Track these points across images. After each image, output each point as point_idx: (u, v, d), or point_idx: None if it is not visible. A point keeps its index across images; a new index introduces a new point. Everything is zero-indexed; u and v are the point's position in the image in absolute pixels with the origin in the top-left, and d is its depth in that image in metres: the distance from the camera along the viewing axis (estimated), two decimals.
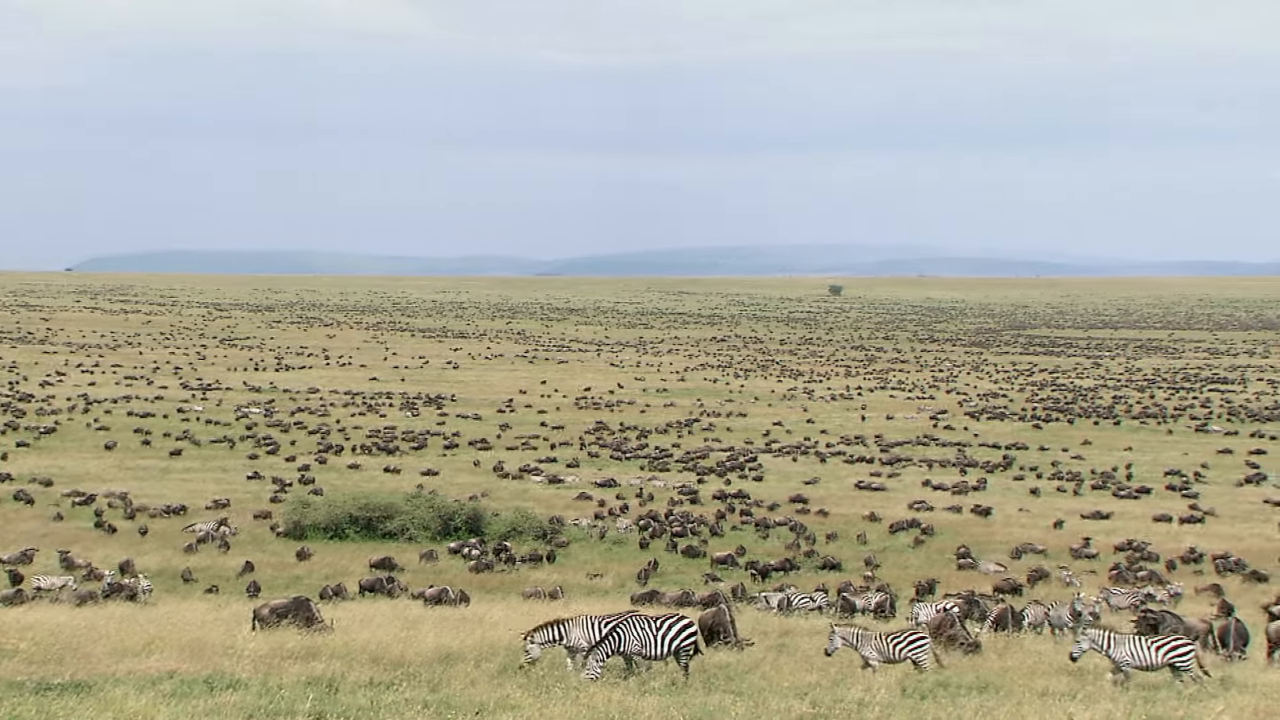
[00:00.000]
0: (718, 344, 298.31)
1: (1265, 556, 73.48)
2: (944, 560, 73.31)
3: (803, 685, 29.52)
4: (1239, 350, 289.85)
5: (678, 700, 26.89)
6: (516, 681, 28.86)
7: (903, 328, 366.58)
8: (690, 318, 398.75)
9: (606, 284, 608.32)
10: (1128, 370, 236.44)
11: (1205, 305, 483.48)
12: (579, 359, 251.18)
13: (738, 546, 75.47)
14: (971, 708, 26.74)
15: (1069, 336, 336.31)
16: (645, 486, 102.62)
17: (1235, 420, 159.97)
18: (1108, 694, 28.57)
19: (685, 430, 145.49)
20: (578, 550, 76.12)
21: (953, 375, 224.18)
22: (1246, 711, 25.36)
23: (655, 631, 30.97)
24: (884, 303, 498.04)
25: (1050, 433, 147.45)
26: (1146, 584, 62.95)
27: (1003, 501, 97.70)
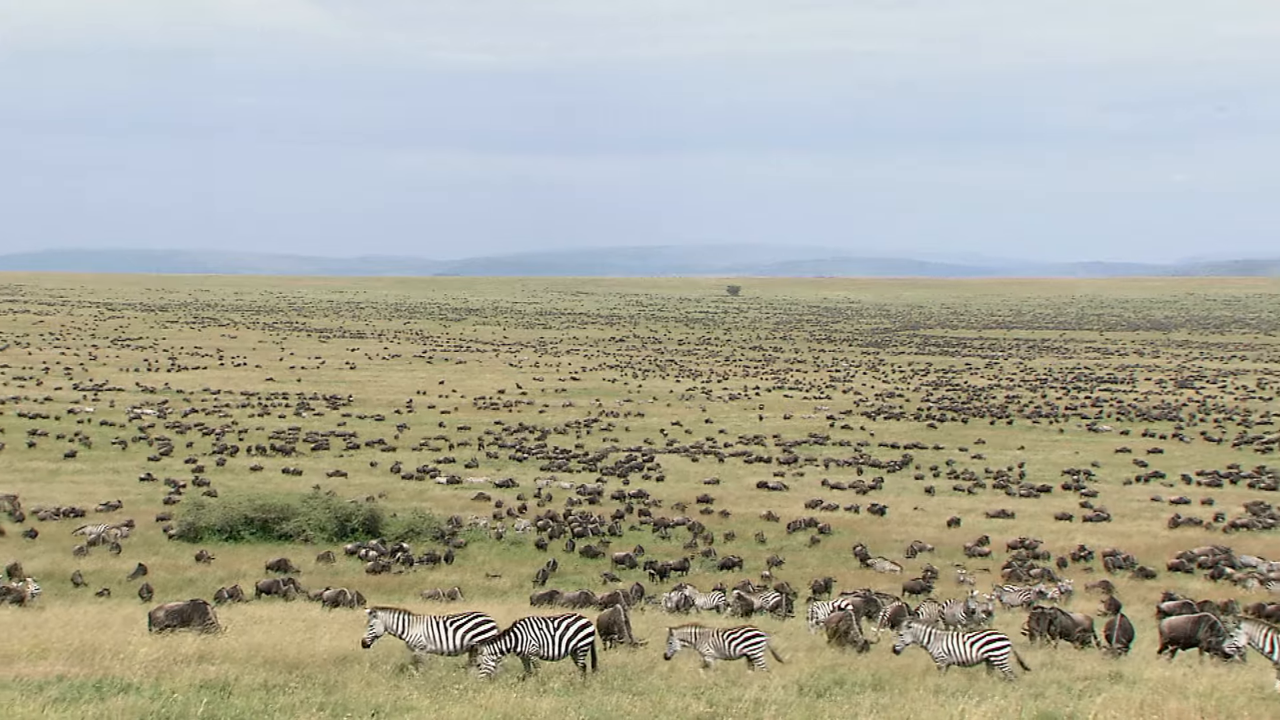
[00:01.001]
0: (616, 344, 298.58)
1: (1153, 553, 74.69)
2: (841, 559, 73.82)
3: (700, 684, 29.62)
4: (1128, 350, 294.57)
5: (575, 700, 26.90)
6: (414, 683, 28.73)
7: (800, 328, 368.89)
8: (589, 318, 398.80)
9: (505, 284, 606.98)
10: (1021, 370, 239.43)
11: (1095, 306, 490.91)
12: (478, 359, 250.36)
13: (636, 546, 75.57)
14: (867, 705, 26.94)
15: (963, 337, 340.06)
16: (544, 487, 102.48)
17: (1125, 419, 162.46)
18: (1000, 691, 28.91)
19: (584, 430, 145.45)
20: (476, 551, 75.87)
21: (849, 375, 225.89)
22: (1132, 705, 25.75)
23: (552, 632, 30.98)
24: (782, 303, 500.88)
25: (945, 432, 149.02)
26: (1038, 581, 63.73)
27: (898, 500, 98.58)
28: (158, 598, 54.07)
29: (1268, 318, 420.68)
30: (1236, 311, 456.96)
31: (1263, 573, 67.58)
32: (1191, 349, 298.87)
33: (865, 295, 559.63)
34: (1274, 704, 27.32)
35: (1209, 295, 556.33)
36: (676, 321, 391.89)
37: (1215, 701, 26.79)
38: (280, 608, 49.97)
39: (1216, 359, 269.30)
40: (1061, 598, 58.53)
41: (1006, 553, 75.85)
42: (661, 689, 28.77)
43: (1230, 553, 73.25)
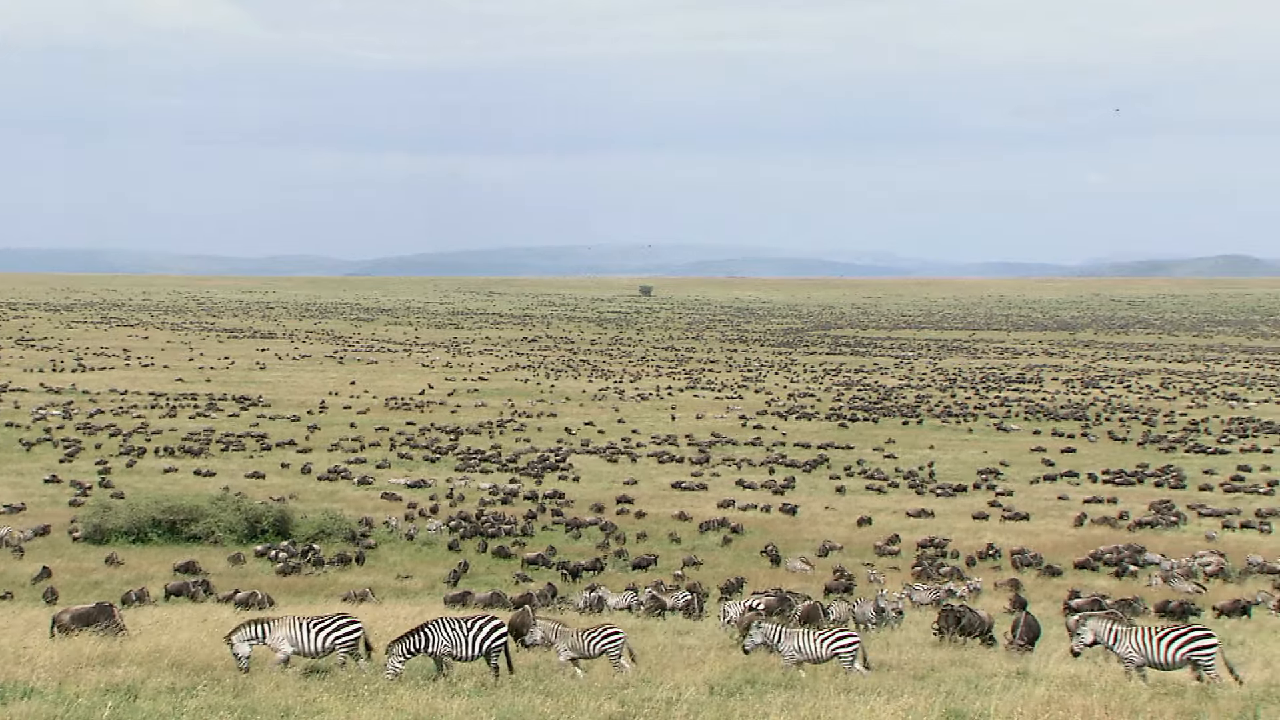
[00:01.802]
0: (529, 344, 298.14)
1: (1060, 551, 75.58)
2: (753, 558, 74.14)
3: (612, 684, 29.64)
4: (1036, 350, 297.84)
5: (487, 701, 26.83)
6: (324, 685, 28.54)
7: (712, 328, 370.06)
8: (501, 318, 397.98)
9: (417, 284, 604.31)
10: (931, 370, 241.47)
11: (1004, 306, 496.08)
12: (389, 359, 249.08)
13: (548, 547, 75.50)
14: (778, 704, 27.06)
15: (874, 337, 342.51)
16: (456, 487, 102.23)
17: (1033, 419, 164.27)
18: (909, 689, 29.13)
19: (497, 430, 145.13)
20: (387, 552, 75.48)
21: (761, 375, 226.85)
22: (1038, 702, 26.05)
23: (465, 632, 30.90)
24: (694, 303, 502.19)
25: (856, 432, 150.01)
26: (948, 580, 64.29)
27: (810, 500, 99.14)
28: (63, 601, 53.31)
29: (1170, 318, 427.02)
30: (1140, 312, 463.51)
31: (1165, 570, 68.62)
32: (1097, 349, 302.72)
33: (777, 295, 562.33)
34: (1176, 699, 27.74)
35: (1114, 296, 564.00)
36: (589, 322, 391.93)
37: (1119, 697, 27.14)
38: (189, 610, 49.44)
39: (1122, 359, 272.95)
40: (970, 596, 59.07)
41: (916, 551, 76.48)
42: (573, 689, 28.77)
43: (1144, 550, 74.31)
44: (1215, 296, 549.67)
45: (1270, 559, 72.16)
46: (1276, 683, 31.12)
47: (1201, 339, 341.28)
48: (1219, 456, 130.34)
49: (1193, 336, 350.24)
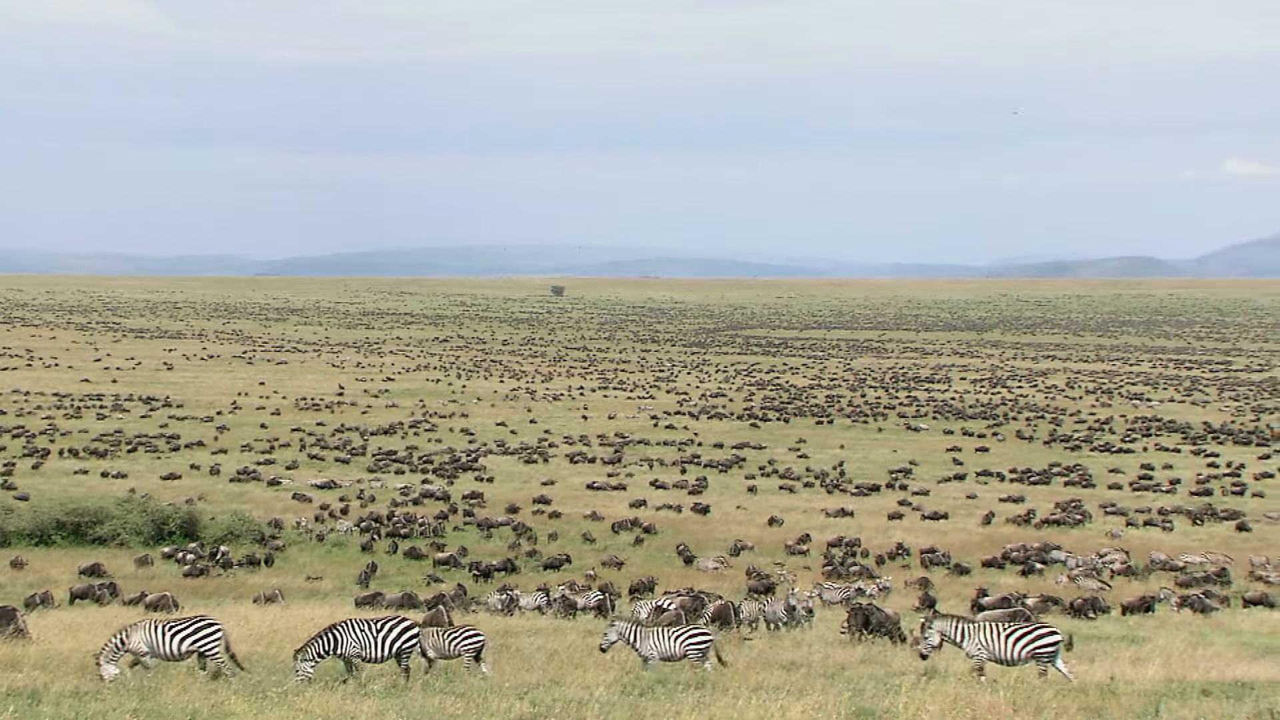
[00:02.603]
0: (440, 344, 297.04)
1: (968, 549, 76.29)
2: (665, 558, 74.32)
3: (523, 685, 29.63)
4: (944, 350, 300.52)
5: (397, 703, 26.73)
6: (232, 687, 28.31)
7: (624, 328, 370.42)
8: (412, 318, 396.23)
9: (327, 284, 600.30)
10: (842, 370, 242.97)
11: (913, 307, 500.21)
12: (299, 360, 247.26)
13: (460, 547, 75.28)
14: (689, 704, 27.13)
15: (785, 337, 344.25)
16: (367, 488, 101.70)
17: (942, 418, 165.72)
18: (819, 687, 29.31)
19: (408, 431, 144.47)
20: (297, 553, 74.97)
21: (673, 375, 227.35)
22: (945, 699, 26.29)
23: (375, 634, 30.76)
24: (606, 303, 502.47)
25: (767, 431, 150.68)
26: (858, 579, 64.69)
27: (722, 500, 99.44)
28: None
29: (1076, 318, 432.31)
30: (1047, 312, 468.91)
31: (1072, 568, 69.49)
32: (1005, 349, 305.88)
33: (689, 296, 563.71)
34: (1080, 695, 28.09)
35: (1021, 296, 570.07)
36: (501, 322, 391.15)
37: (1024, 694, 27.46)
38: (94, 613, 48.89)
39: (1029, 359, 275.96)
40: (880, 595, 59.51)
41: (827, 550, 76.89)
42: (484, 689, 28.71)
43: (1051, 549, 75.20)
44: (1119, 297, 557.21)
45: (1172, 556, 73.25)
46: (1177, 678, 31.64)
47: (1106, 339, 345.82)
48: (1124, 455, 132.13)
49: (1098, 337, 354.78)
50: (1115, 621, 50.52)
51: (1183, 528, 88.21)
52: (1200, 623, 50.45)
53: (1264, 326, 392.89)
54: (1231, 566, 69.82)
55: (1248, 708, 27.31)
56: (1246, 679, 31.66)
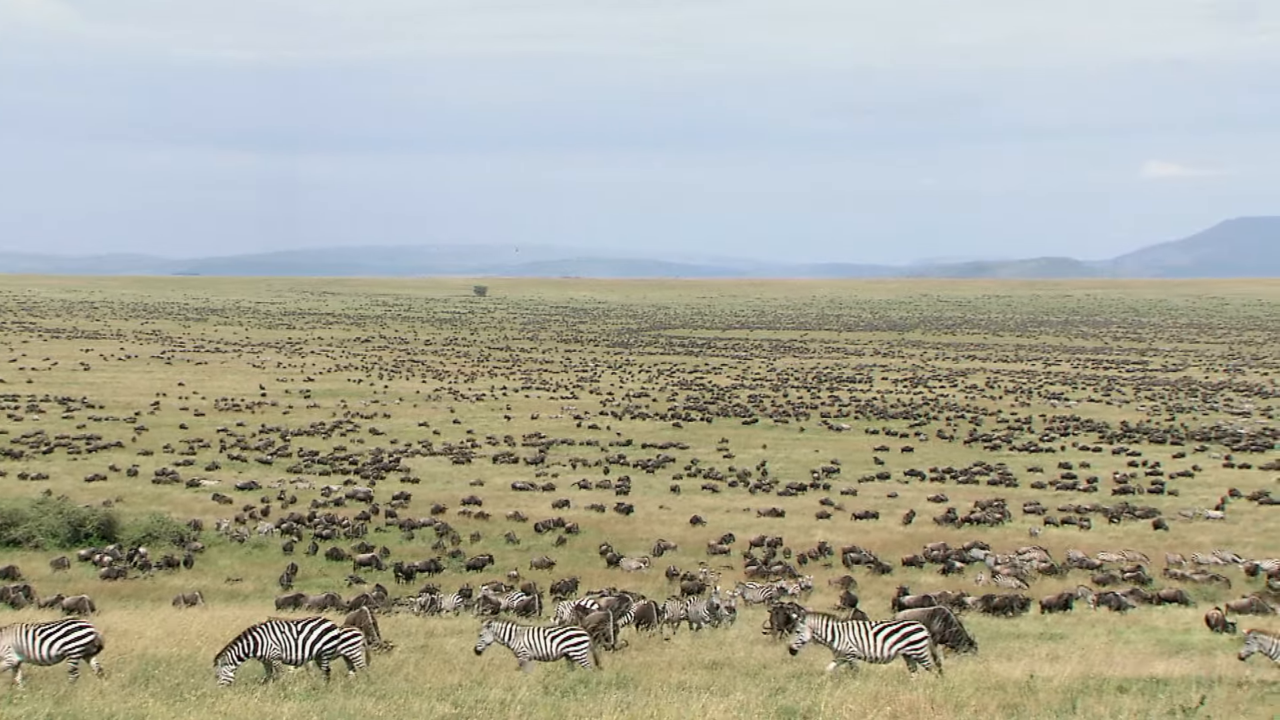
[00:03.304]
0: (362, 344, 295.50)
1: (889, 548, 76.76)
2: (588, 558, 74.30)
3: (446, 686, 29.55)
4: (866, 350, 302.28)
5: (317, 705, 26.58)
6: (150, 690, 28.04)
7: (547, 328, 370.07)
8: (334, 318, 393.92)
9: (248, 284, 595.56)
10: (764, 370, 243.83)
11: (835, 307, 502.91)
12: (219, 360, 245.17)
13: (382, 548, 74.91)
14: (612, 703, 27.16)
15: (708, 337, 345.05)
16: (288, 489, 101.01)
17: (864, 418, 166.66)
18: (741, 686, 29.42)
19: (329, 432, 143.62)
20: (216, 555, 74.35)
21: (596, 375, 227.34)
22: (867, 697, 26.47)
23: (295, 635, 30.56)
24: (529, 303, 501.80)
25: (690, 431, 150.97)
26: (780, 578, 64.93)
27: (645, 500, 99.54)
28: None
29: (995, 319, 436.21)
30: (966, 312, 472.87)
31: (990, 566, 70.12)
32: (926, 349, 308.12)
33: (611, 296, 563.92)
34: (999, 692, 28.37)
35: (941, 296, 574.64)
36: (424, 322, 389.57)
37: (944, 691, 27.68)
38: (8, 616, 48.22)
39: (949, 359, 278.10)
40: (802, 594, 59.79)
41: (750, 550, 77.16)
42: (406, 691, 28.62)
43: (971, 547, 75.84)
44: (1037, 298, 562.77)
45: (1090, 554, 74.08)
46: (1094, 675, 32.00)
47: (1025, 339, 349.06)
48: (1042, 454, 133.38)
49: (1017, 337, 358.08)
50: (1034, 619, 51.03)
51: (1100, 526, 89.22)
52: (1117, 620, 51.04)
53: (1178, 327, 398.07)
54: (1147, 564, 70.70)
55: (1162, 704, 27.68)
56: (1161, 675, 32.08)
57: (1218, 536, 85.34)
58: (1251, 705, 28.00)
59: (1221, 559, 73.84)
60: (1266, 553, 77.35)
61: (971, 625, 41.97)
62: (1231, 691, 29.46)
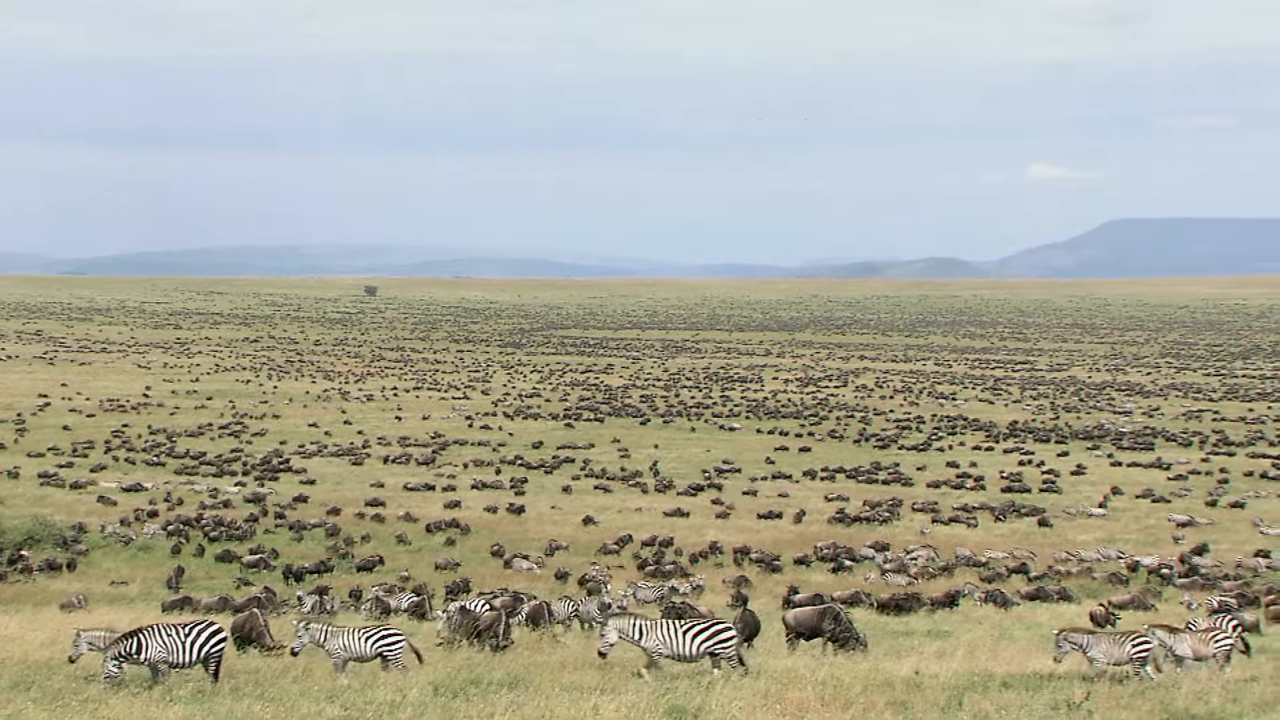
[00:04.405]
0: (251, 345, 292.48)
1: (780, 547, 77.24)
2: (480, 558, 74.09)
3: (335, 688, 29.36)
4: (757, 350, 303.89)
5: (204, 708, 26.33)
6: (29, 695, 27.60)
7: (439, 328, 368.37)
8: (222, 318, 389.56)
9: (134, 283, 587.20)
10: (656, 369, 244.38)
11: (727, 307, 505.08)
12: (104, 360, 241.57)
13: (271, 549, 74.20)
14: (503, 704, 27.15)
15: (600, 337, 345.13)
16: (175, 491, 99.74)
17: (755, 418, 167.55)
18: (632, 686, 29.50)
19: (218, 433, 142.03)
20: (101, 557, 73.24)
21: (488, 375, 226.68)
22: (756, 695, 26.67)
23: (182, 638, 30.20)
24: (420, 303, 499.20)
25: (583, 431, 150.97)
26: (672, 577, 65.16)
27: (537, 499, 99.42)
28: None
29: (884, 319, 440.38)
30: (856, 313, 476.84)
31: (880, 564, 70.82)
32: (816, 349, 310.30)
33: (503, 296, 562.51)
34: (886, 690, 28.69)
35: (831, 297, 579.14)
36: (313, 322, 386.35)
37: (833, 689, 27.96)
38: None
39: (839, 358, 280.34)
40: (694, 593, 60.02)
41: (641, 549, 77.33)
42: (295, 693, 28.41)
43: (861, 546, 76.57)
44: (926, 298, 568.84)
45: (976, 552, 75.05)
46: (979, 671, 32.43)
47: (914, 339, 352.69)
48: (930, 453, 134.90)
49: (905, 337, 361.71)
50: (922, 617, 51.59)
51: (987, 524, 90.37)
52: (1003, 617, 51.77)
53: (1063, 327, 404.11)
54: (1032, 562, 71.73)
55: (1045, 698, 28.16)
56: (1045, 671, 32.58)
57: (1100, 534, 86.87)
58: (1133, 700, 28.54)
59: (1104, 556, 75.14)
60: (1147, 549, 78.87)
61: (861, 623, 42.37)
62: (1113, 687, 30.00)
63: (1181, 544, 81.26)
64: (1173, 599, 60.70)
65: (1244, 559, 74.00)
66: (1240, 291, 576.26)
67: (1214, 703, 28.26)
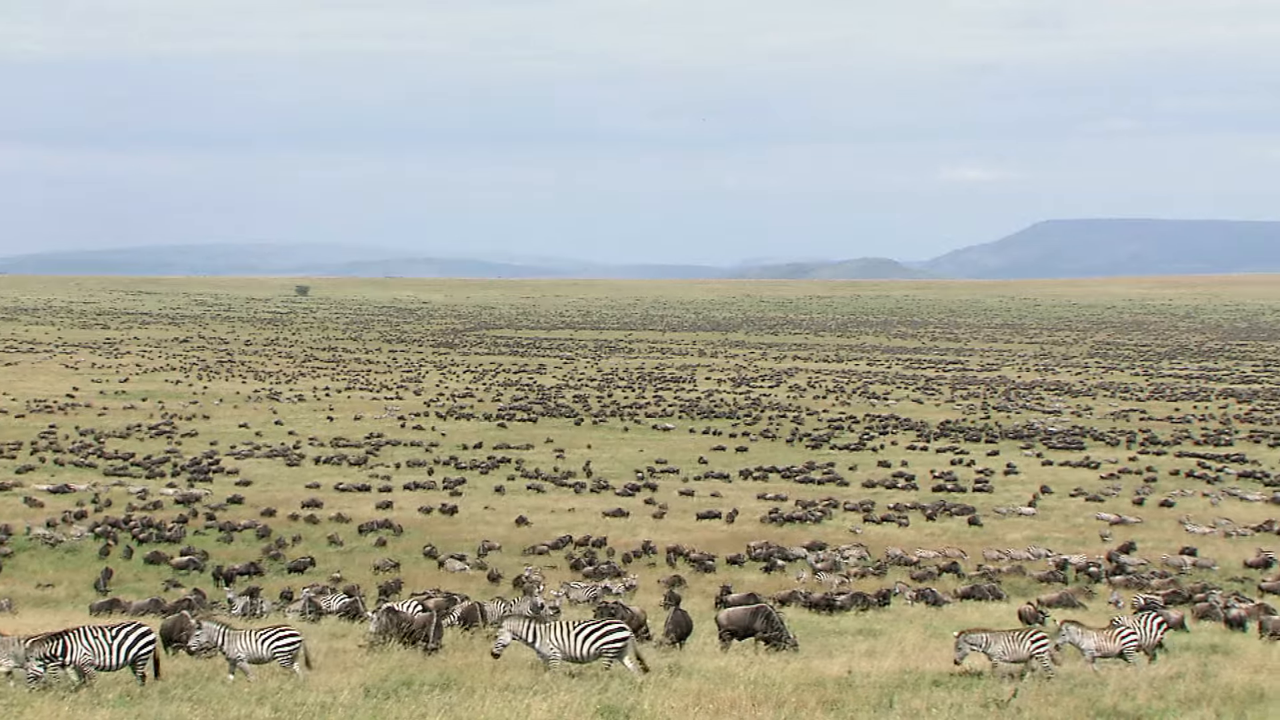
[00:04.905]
0: (181, 345, 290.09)
1: (713, 547, 77.40)
2: (411, 559, 73.86)
3: (265, 690, 29.20)
4: (690, 350, 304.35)
5: (132, 711, 26.12)
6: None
7: (371, 328, 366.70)
8: (151, 318, 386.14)
9: (59, 283, 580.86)
10: (590, 369, 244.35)
11: (659, 307, 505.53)
12: (30, 361, 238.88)
13: (200, 551, 73.67)
14: (435, 705, 27.09)
15: (533, 337, 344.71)
16: (104, 492, 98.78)
17: (688, 418, 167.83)
18: (565, 686, 29.51)
19: (147, 434, 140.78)
20: (27, 560, 72.46)
21: (421, 376, 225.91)
22: (689, 695, 26.74)
23: (110, 641, 29.94)
24: (352, 303, 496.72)
25: (515, 431, 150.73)
26: (605, 577, 65.21)
27: (470, 500, 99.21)
28: None
29: (817, 319, 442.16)
30: (789, 313, 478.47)
31: (811, 563, 71.13)
32: (749, 349, 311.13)
33: (436, 296, 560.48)
34: (818, 689, 28.84)
35: (764, 297, 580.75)
36: (244, 322, 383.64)
37: (765, 689, 28.08)
38: None
39: (772, 358, 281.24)
40: (627, 593, 60.09)
41: (575, 549, 77.32)
42: (224, 696, 28.23)
43: (794, 545, 76.88)
44: (858, 299, 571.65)
45: (907, 551, 75.53)
46: (911, 670, 32.66)
47: (846, 339, 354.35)
48: (863, 453, 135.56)
49: (838, 337, 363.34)
50: (853, 616, 51.88)
51: (918, 523, 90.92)
52: (933, 615, 52.14)
53: (993, 327, 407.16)
54: (963, 561, 72.27)
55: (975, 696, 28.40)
56: (975, 669, 32.84)
57: (1030, 532, 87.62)
58: (1060, 697, 28.84)
59: (1034, 554, 75.83)
60: (1075, 548, 79.67)
61: (793, 622, 42.54)
62: (1041, 684, 30.30)
63: (1109, 542, 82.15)
64: (1103, 597, 61.36)
65: (1170, 557, 74.88)
66: (1166, 292, 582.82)
67: (1140, 699, 28.61)
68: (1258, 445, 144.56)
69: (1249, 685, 30.32)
